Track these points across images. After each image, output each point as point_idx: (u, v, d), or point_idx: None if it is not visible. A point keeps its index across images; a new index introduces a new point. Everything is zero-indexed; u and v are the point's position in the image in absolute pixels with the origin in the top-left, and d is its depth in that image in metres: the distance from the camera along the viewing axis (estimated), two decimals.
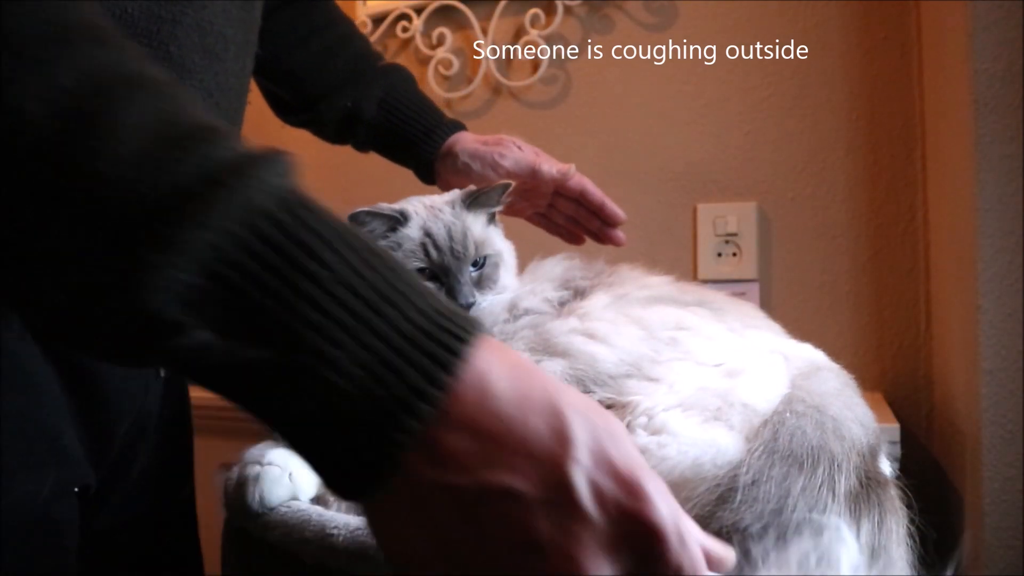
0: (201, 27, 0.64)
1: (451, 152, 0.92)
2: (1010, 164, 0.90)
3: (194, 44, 0.63)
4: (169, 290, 0.34)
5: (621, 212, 0.93)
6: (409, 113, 0.94)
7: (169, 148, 0.35)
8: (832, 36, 1.28)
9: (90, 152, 0.34)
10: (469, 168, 0.91)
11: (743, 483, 0.53)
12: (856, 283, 1.28)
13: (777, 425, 0.58)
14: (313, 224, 0.37)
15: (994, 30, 0.90)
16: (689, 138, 1.36)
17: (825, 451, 0.55)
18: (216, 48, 0.66)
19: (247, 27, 0.72)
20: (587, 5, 1.41)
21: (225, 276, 0.34)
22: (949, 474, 1.07)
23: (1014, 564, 0.89)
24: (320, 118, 0.96)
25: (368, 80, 0.95)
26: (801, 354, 0.71)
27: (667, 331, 0.70)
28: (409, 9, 1.52)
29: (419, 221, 0.82)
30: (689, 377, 0.65)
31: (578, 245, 0.96)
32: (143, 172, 0.34)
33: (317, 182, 1.58)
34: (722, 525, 0.50)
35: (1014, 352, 0.90)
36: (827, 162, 1.29)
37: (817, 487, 0.53)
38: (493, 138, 0.93)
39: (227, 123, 0.67)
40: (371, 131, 0.96)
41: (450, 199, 0.85)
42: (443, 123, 0.95)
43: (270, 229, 0.35)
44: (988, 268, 0.91)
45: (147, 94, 0.37)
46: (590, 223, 0.94)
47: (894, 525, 0.55)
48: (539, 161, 0.90)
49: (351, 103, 0.94)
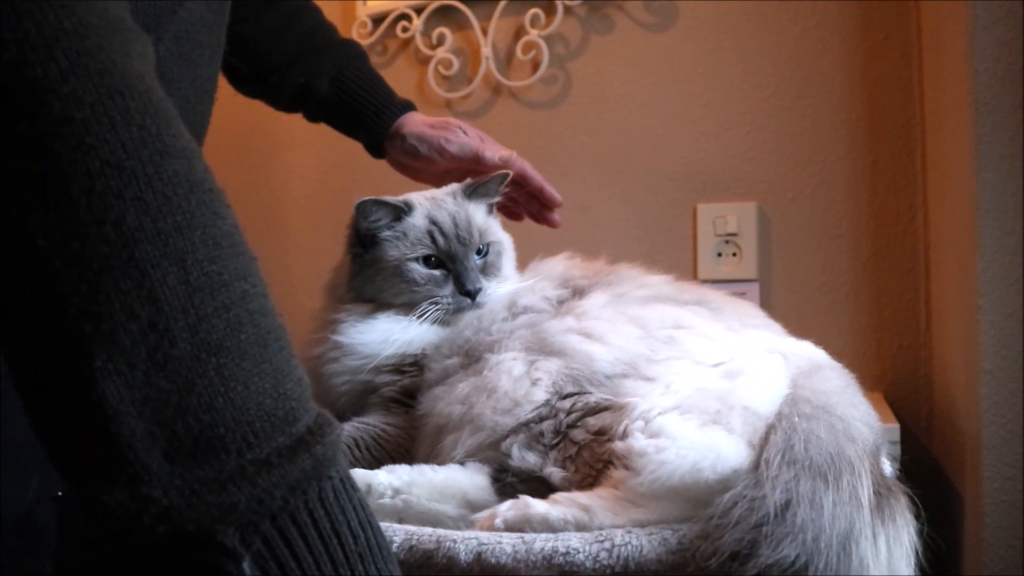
0: (179, 38, 0.65)
1: (399, 133, 0.95)
2: (1010, 164, 0.90)
3: (172, 55, 0.64)
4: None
5: (558, 196, 0.96)
6: (360, 92, 0.96)
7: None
8: (832, 36, 1.28)
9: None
10: (416, 150, 0.94)
11: (774, 504, 0.52)
12: (856, 283, 1.28)
13: (788, 430, 0.58)
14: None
15: (994, 30, 0.90)
16: (689, 138, 1.36)
17: (843, 457, 0.55)
18: (192, 55, 0.67)
19: (219, 30, 0.73)
20: (587, 5, 1.41)
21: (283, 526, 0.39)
22: (949, 474, 1.07)
23: (1014, 564, 0.89)
24: (273, 91, 0.98)
25: (321, 56, 0.96)
26: (801, 352, 0.71)
27: (665, 330, 0.70)
28: (409, 9, 1.52)
29: (423, 210, 0.84)
30: (687, 377, 0.65)
31: (517, 221, 1.00)
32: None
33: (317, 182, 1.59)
34: (767, 564, 0.50)
35: (1014, 352, 0.90)
36: (827, 162, 1.29)
37: (846, 501, 0.52)
38: (440, 121, 0.95)
39: (200, 122, 0.70)
40: (322, 106, 0.98)
41: (450, 191, 0.88)
42: (393, 103, 0.97)
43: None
44: (988, 268, 0.91)
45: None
46: (530, 205, 0.98)
47: (905, 537, 0.55)
48: (483, 148, 0.93)
49: (303, 79, 0.96)
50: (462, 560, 0.55)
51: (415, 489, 0.64)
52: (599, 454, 0.63)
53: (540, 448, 0.66)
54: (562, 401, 0.68)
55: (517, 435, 0.67)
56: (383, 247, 0.83)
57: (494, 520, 0.59)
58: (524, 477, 0.66)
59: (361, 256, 0.85)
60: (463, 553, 0.55)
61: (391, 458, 0.75)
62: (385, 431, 0.77)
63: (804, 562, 0.49)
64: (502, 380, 0.70)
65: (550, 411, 0.67)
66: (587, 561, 0.53)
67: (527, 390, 0.69)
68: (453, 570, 0.55)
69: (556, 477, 0.65)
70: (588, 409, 0.66)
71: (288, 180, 1.66)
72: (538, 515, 0.58)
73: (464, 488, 0.66)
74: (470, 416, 0.69)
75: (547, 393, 0.68)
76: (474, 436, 0.69)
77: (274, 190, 1.65)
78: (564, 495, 0.61)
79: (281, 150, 1.64)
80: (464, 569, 0.55)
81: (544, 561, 0.53)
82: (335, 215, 0.92)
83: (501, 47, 1.48)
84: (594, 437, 0.64)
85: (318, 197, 1.62)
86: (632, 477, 0.59)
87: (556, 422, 0.67)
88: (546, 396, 0.68)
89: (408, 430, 0.78)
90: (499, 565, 0.54)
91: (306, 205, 1.62)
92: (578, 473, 0.64)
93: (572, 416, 0.66)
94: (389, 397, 0.81)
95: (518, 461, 0.66)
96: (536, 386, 0.69)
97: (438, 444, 0.71)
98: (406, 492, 0.64)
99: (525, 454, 0.66)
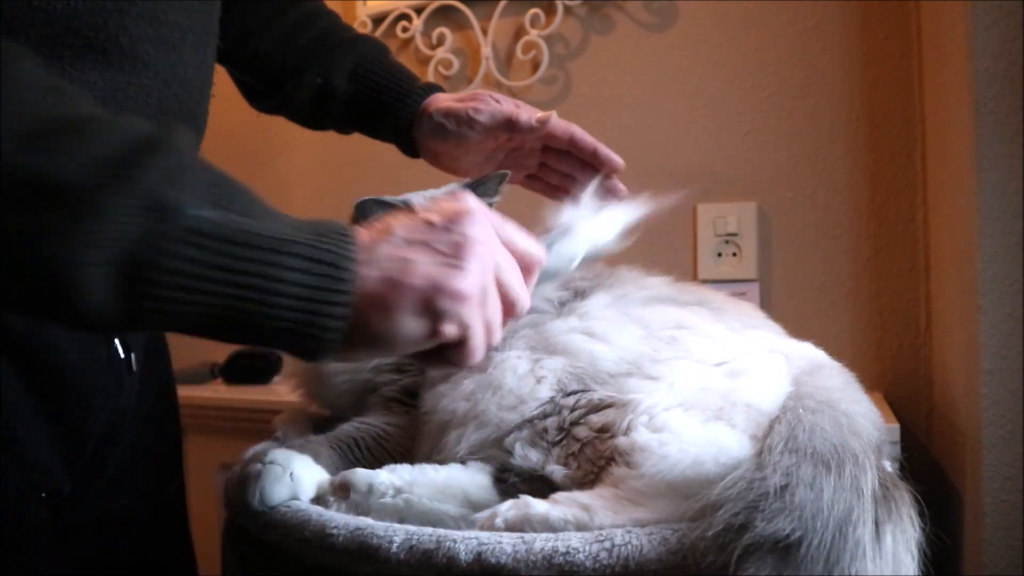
0: (154, 16, 0.63)
1: (425, 113, 0.85)
2: (1010, 164, 0.90)
3: (146, 35, 0.62)
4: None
5: (618, 157, 0.84)
6: (381, 81, 0.87)
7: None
8: (832, 36, 1.28)
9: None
10: (444, 128, 0.84)
11: (774, 486, 0.52)
12: (856, 283, 1.28)
13: (793, 421, 0.58)
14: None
15: (994, 30, 0.90)
16: (689, 138, 1.36)
17: (847, 449, 0.55)
18: (172, 39, 0.65)
19: (206, 17, 0.70)
20: (587, 5, 1.41)
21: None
22: (949, 474, 1.07)
23: (1014, 564, 0.89)
24: (290, 99, 0.90)
25: (337, 53, 0.89)
26: (802, 353, 0.71)
27: (667, 330, 0.71)
28: (409, 9, 1.52)
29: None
30: (690, 376, 0.66)
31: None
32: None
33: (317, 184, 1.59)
34: (761, 536, 0.50)
35: (1014, 352, 0.90)
36: (827, 162, 1.29)
37: (846, 488, 0.52)
38: (468, 94, 0.85)
39: (189, 116, 0.69)
40: (344, 106, 0.89)
41: (448, 191, 0.86)
42: (417, 86, 0.87)
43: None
44: (988, 268, 0.91)
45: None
46: (586, 177, 0.83)
47: (910, 533, 0.55)
48: (517, 112, 0.82)
49: (320, 78, 0.88)
50: (462, 560, 0.55)
51: (417, 488, 0.65)
52: (601, 451, 0.64)
53: (543, 445, 0.66)
54: (566, 398, 0.68)
55: (521, 432, 0.68)
56: None
57: (495, 520, 0.59)
58: (526, 476, 0.66)
59: None
60: (463, 553, 0.55)
61: (392, 458, 0.75)
62: (386, 431, 0.77)
63: (798, 537, 0.49)
64: (507, 377, 0.70)
65: (554, 408, 0.68)
66: (587, 561, 0.53)
67: (532, 387, 0.69)
68: (453, 570, 0.55)
69: (558, 475, 0.65)
70: (591, 407, 0.67)
71: (288, 182, 1.66)
72: (538, 515, 0.59)
73: (466, 487, 0.66)
74: (475, 412, 0.70)
75: (552, 390, 0.68)
76: (478, 432, 0.69)
77: (274, 192, 1.64)
78: (564, 495, 0.61)
79: (281, 152, 1.64)
80: (464, 569, 0.55)
81: (544, 561, 0.53)
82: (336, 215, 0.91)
83: (501, 47, 1.48)
84: (597, 434, 0.65)
85: (318, 199, 1.62)
86: (634, 475, 0.59)
87: (560, 419, 0.67)
88: (551, 393, 0.68)
89: (409, 429, 0.78)
90: (499, 565, 0.54)
91: (306, 207, 1.62)
92: (580, 470, 0.64)
93: (576, 413, 0.67)
94: (390, 396, 0.81)
95: (520, 459, 0.66)
96: (541, 383, 0.69)
97: (441, 441, 0.71)
98: (408, 491, 0.64)
99: (528, 451, 0.66)
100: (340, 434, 0.76)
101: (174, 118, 0.67)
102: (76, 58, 0.58)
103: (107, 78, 0.60)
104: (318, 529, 0.60)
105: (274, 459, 0.67)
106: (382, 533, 0.57)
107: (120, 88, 0.61)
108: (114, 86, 0.61)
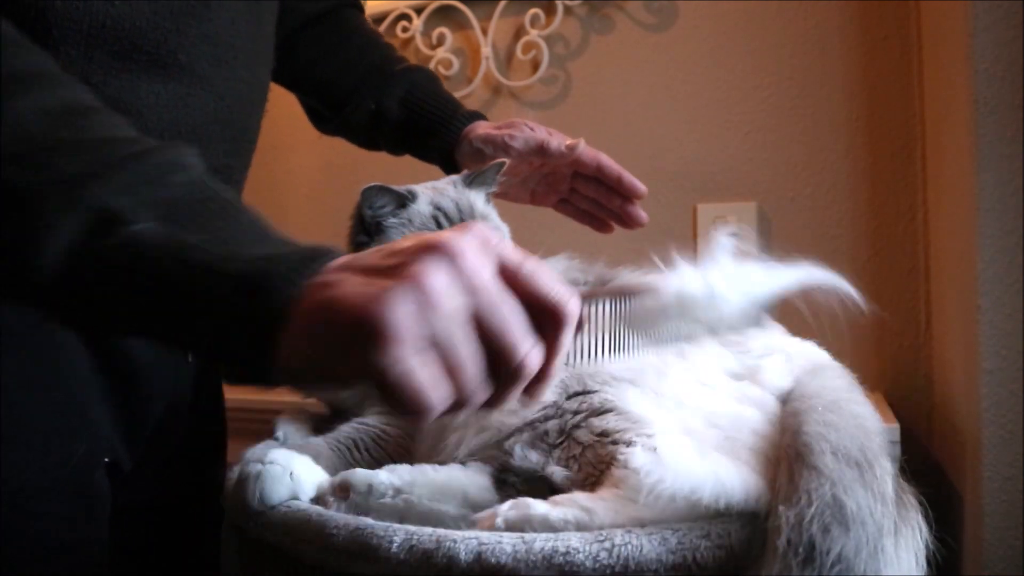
0: (208, 37, 0.70)
1: (467, 139, 0.95)
2: (1010, 164, 0.90)
3: (202, 53, 0.69)
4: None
5: (641, 185, 0.91)
6: (428, 107, 0.97)
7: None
8: (832, 36, 1.28)
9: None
10: (482, 153, 0.92)
11: (832, 494, 0.52)
12: (856, 283, 1.28)
13: (805, 414, 0.58)
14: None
15: (994, 30, 0.90)
16: (689, 138, 1.36)
17: (870, 451, 0.55)
18: (225, 57, 0.72)
19: (257, 39, 0.78)
20: (587, 5, 1.41)
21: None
22: (949, 474, 1.07)
23: (1014, 564, 0.89)
24: (348, 122, 1.00)
25: (391, 81, 0.99)
26: (804, 352, 0.71)
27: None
28: (409, 9, 1.52)
29: (427, 198, 0.85)
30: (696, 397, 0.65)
31: (606, 233, 0.96)
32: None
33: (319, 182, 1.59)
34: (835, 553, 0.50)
35: (1014, 352, 0.90)
36: (827, 162, 1.29)
37: (876, 496, 0.52)
38: (506, 122, 0.95)
39: (240, 127, 0.77)
40: (396, 130, 0.99)
41: (450, 180, 0.89)
42: (460, 113, 0.98)
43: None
44: (988, 268, 0.91)
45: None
46: (611, 202, 0.93)
47: (918, 536, 0.55)
48: (548, 139, 0.91)
49: (375, 104, 0.98)
50: (462, 560, 0.55)
51: (417, 489, 0.65)
52: (602, 455, 0.63)
53: (543, 447, 0.66)
54: (568, 401, 0.68)
55: (521, 434, 0.67)
56: (388, 234, 0.83)
57: (495, 520, 0.59)
58: (526, 477, 0.66)
59: (366, 244, 0.84)
60: (463, 553, 0.55)
61: (391, 458, 0.75)
62: (385, 431, 0.77)
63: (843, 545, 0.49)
64: None
65: (556, 411, 0.67)
66: (587, 561, 0.53)
67: None
68: (453, 570, 0.55)
69: (558, 476, 0.65)
70: (593, 410, 0.66)
71: (290, 181, 1.66)
72: (539, 515, 0.59)
73: (465, 488, 0.66)
74: (475, 417, 0.69)
75: (554, 394, 0.68)
76: (478, 436, 0.69)
77: (276, 191, 1.65)
78: (565, 496, 0.61)
79: (283, 151, 1.64)
80: (464, 569, 0.55)
81: (544, 561, 0.53)
82: (337, 215, 0.92)
83: (501, 47, 1.48)
84: (598, 438, 0.65)
85: (320, 198, 1.62)
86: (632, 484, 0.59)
87: (561, 422, 0.67)
88: (553, 397, 0.68)
89: (408, 430, 0.78)
90: (499, 565, 0.54)
91: (308, 206, 1.62)
92: (581, 472, 0.64)
93: (578, 417, 0.66)
94: None
95: (520, 460, 0.66)
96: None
97: (440, 443, 0.71)
98: (408, 492, 0.64)
99: (528, 453, 0.66)
100: (339, 435, 0.76)
101: (227, 128, 0.74)
102: (143, 72, 0.66)
103: (169, 90, 0.68)
104: (318, 529, 0.60)
105: (274, 459, 0.67)
106: (382, 533, 0.57)
107: (180, 99, 0.69)
108: (175, 97, 0.68)
